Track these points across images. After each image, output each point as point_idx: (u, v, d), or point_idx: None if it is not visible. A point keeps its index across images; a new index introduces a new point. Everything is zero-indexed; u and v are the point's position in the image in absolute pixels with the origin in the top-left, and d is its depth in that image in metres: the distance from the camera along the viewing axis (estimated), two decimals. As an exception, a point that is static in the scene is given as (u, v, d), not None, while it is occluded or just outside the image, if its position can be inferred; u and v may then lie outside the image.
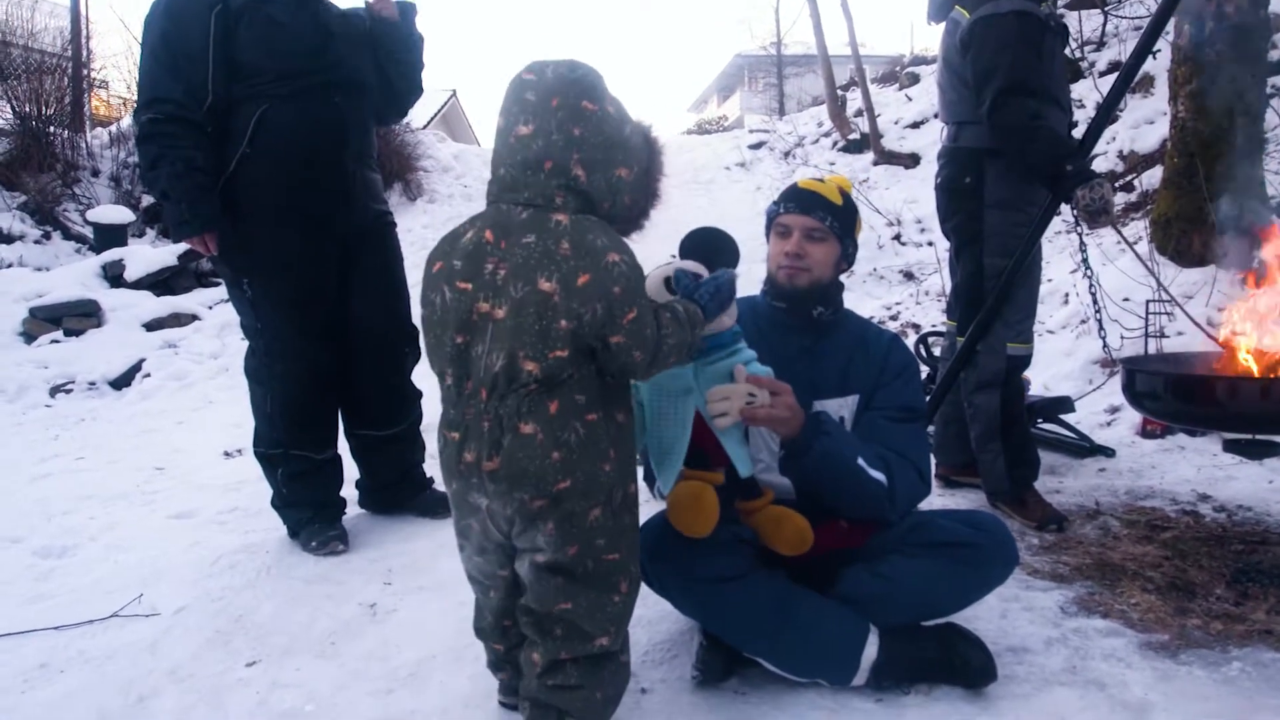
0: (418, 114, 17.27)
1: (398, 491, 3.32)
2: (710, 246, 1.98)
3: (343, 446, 3.26)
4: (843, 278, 2.30)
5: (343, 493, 3.23)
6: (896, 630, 2.03)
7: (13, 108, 9.55)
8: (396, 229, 3.35)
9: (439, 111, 20.97)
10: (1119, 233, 3.03)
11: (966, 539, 2.03)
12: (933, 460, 3.61)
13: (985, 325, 3.07)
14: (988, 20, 2.96)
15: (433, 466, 3.83)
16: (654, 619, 2.35)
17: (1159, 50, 7.29)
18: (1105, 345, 3.07)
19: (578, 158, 1.61)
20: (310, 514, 3.07)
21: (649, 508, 1.94)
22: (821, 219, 2.17)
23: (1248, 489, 3.33)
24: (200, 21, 2.76)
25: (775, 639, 1.98)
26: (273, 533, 3.18)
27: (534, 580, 1.67)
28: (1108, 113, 3.01)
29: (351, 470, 3.31)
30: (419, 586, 2.71)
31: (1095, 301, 3.09)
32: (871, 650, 1.99)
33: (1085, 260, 3.00)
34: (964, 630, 2.05)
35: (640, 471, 2.04)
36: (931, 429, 3.62)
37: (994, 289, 3.05)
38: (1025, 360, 3.17)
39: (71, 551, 3.20)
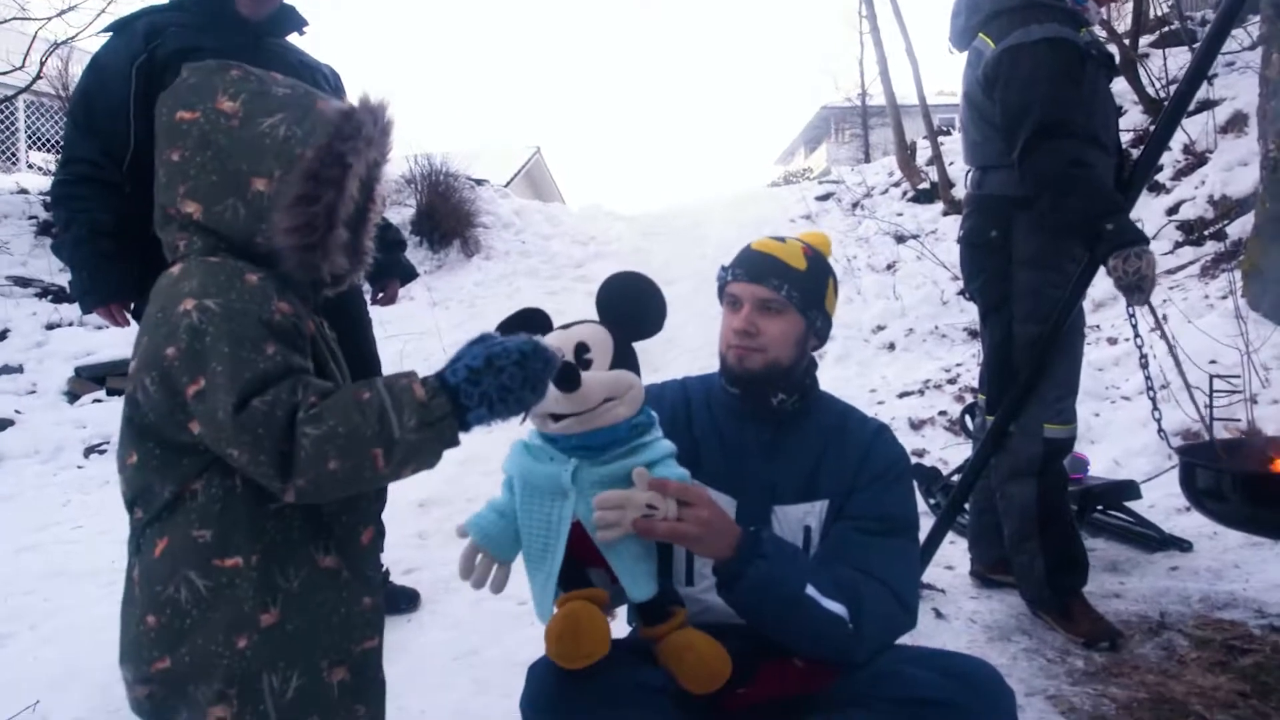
0: (501, 172, 17.41)
1: None
2: (625, 303, 1.56)
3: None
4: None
5: None
6: (858, 806, 1.59)
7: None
8: (362, 293, 3.06)
9: (522, 169, 21.05)
10: (1155, 318, 2.53)
11: (944, 697, 1.57)
12: (968, 557, 3.13)
13: (1018, 404, 2.60)
14: (1016, 51, 2.54)
15: (391, 556, 3.58)
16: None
17: (1214, 76, 6.69)
18: (1161, 432, 2.55)
19: (184, 190, 1.22)
20: None
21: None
22: (776, 287, 1.75)
23: (1353, 600, 2.75)
24: (121, 75, 2.52)
25: (696, 816, 1.55)
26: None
27: None
28: (1154, 158, 2.54)
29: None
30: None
31: (1148, 378, 2.57)
32: (823, 833, 1.56)
33: (1135, 327, 2.51)
34: (941, 816, 1.59)
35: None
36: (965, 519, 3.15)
37: (1027, 361, 2.58)
38: (1067, 444, 2.68)
39: (4, 641, 2.96)
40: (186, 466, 1.13)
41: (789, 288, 1.75)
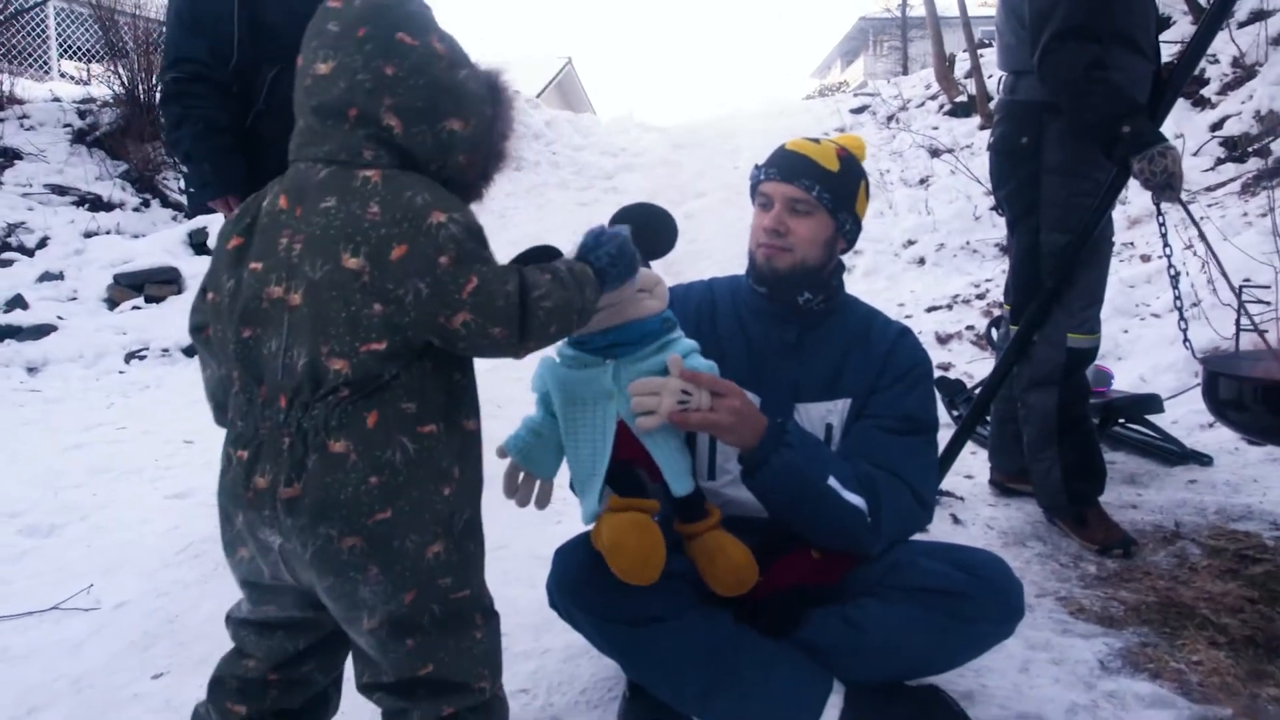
0: (531, 83, 17.17)
1: None
2: (641, 227, 1.59)
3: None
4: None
5: None
6: (868, 690, 1.67)
7: (122, 80, 9.73)
8: None
9: (553, 80, 20.76)
10: (1186, 211, 2.50)
11: (955, 586, 1.64)
12: (988, 467, 3.18)
13: (1042, 312, 2.61)
14: None
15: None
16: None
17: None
18: (1187, 341, 2.55)
19: (390, 104, 1.28)
20: None
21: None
22: (807, 188, 1.77)
23: (1370, 513, 2.77)
24: None
25: (711, 694, 1.64)
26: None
27: (380, 651, 1.34)
28: (1193, 63, 2.49)
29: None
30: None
31: (1176, 289, 2.57)
32: (833, 714, 1.64)
33: (1164, 237, 2.49)
34: (946, 699, 1.67)
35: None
36: (986, 430, 3.19)
37: (1053, 270, 2.58)
38: (1089, 354, 2.69)
39: (58, 531, 3.10)
40: (408, 355, 1.28)
41: (820, 189, 1.77)
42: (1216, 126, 6.69)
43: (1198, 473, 3.24)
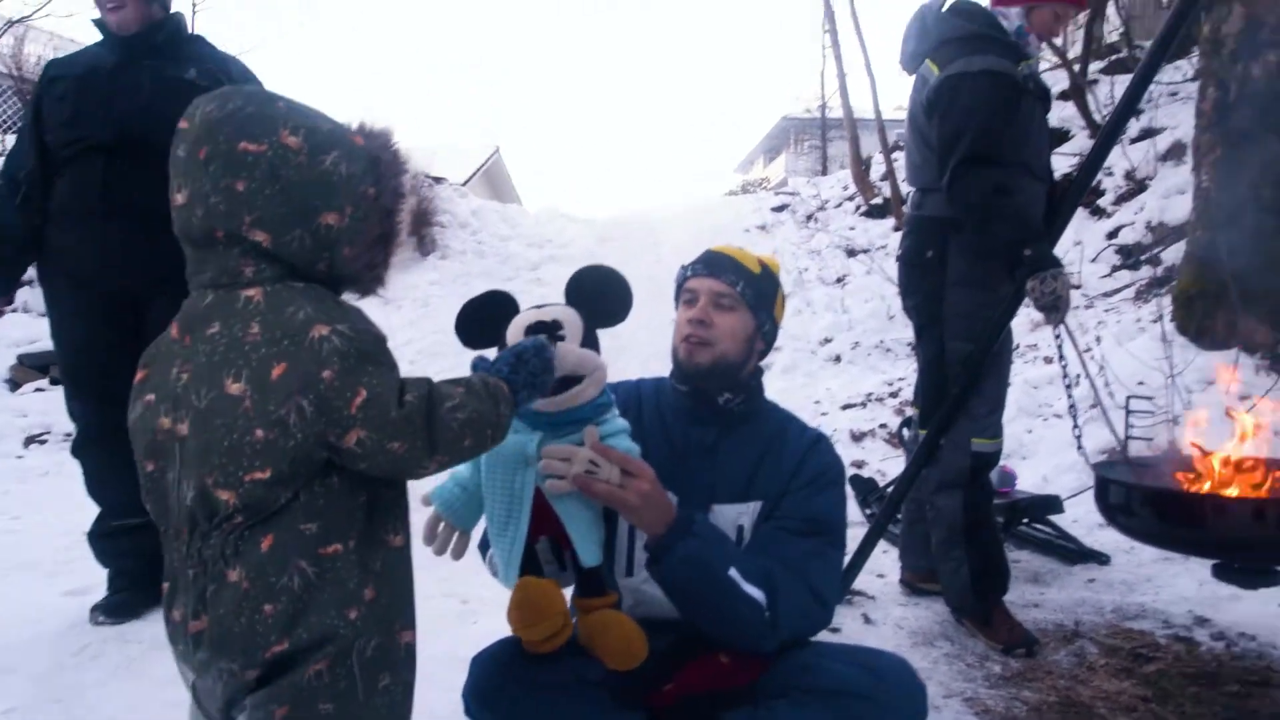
0: (459, 170, 17.31)
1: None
2: (595, 290, 1.71)
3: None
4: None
5: None
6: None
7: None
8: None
9: (480, 168, 20.95)
10: (1070, 336, 2.68)
11: (862, 689, 1.68)
12: (899, 566, 3.25)
13: (948, 418, 2.73)
14: (958, 80, 2.66)
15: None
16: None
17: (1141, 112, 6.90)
18: (1081, 449, 2.69)
19: (251, 219, 1.23)
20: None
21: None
22: (732, 283, 1.86)
23: (1254, 612, 2.90)
24: (34, 99, 3.02)
25: (625, 804, 1.64)
26: (159, 615, 2.89)
27: None
28: (1086, 181, 2.69)
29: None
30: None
31: (1070, 397, 2.73)
32: (745, 821, 1.64)
33: (1059, 348, 2.65)
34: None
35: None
36: (897, 529, 3.27)
37: (957, 378, 2.71)
38: (993, 458, 2.82)
39: (-57, 630, 2.94)
40: (304, 475, 1.21)
41: (744, 285, 1.87)
42: (1112, 235, 7.11)
43: (1096, 571, 3.37)
